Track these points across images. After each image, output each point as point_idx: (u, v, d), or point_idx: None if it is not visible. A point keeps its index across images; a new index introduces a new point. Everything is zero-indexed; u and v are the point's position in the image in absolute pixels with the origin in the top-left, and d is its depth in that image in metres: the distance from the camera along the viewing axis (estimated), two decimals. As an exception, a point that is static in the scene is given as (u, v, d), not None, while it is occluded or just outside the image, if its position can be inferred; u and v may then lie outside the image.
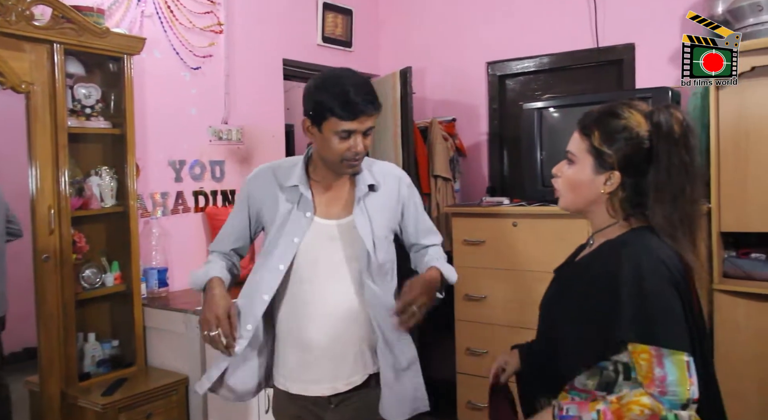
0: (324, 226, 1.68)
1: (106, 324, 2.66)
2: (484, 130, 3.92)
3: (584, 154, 1.28)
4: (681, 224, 1.21)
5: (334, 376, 1.69)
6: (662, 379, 1.12)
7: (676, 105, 1.28)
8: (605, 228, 1.31)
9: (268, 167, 1.77)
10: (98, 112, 2.53)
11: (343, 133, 1.56)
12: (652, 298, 1.14)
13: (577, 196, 1.32)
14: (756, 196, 2.54)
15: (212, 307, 1.59)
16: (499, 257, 3.17)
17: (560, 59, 3.61)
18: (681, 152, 1.20)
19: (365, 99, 1.56)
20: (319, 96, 1.57)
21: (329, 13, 3.80)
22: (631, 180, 1.24)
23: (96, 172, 2.55)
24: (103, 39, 2.37)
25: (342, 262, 1.68)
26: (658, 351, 1.13)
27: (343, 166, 1.63)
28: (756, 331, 2.54)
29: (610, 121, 1.26)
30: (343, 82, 1.57)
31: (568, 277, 1.38)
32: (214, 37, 3.13)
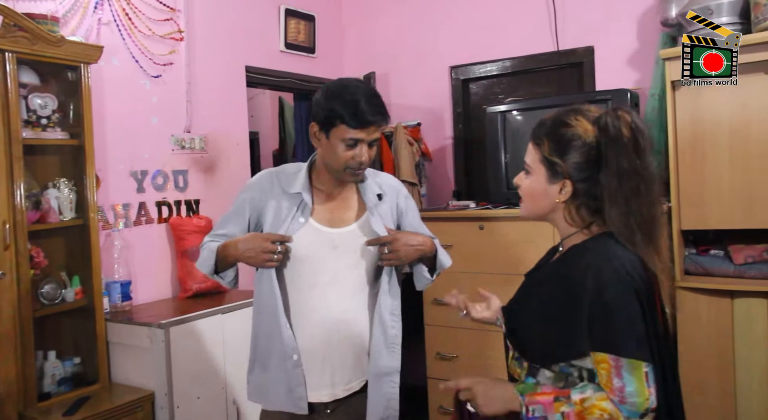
0: (326, 234, 1.70)
1: (68, 341, 2.58)
2: (449, 134, 3.94)
3: (537, 164, 1.30)
4: (639, 227, 1.21)
5: (333, 383, 1.72)
6: (621, 390, 1.14)
7: (627, 108, 1.28)
8: (570, 235, 1.32)
9: (271, 172, 1.79)
10: (55, 122, 2.46)
11: (350, 140, 1.60)
12: (613, 308, 1.15)
13: (536, 206, 1.34)
14: (713, 195, 2.60)
15: (252, 240, 1.63)
16: (466, 261, 3.18)
17: (522, 63, 3.66)
18: (630, 155, 1.20)
19: (375, 110, 1.60)
20: (330, 103, 1.60)
21: (292, 19, 3.78)
22: (584, 187, 1.25)
23: (54, 185, 2.47)
24: (58, 47, 2.31)
25: (344, 269, 1.71)
26: (617, 361, 1.14)
27: (346, 174, 1.67)
28: (716, 326, 2.60)
29: (559, 131, 1.27)
30: (355, 92, 1.60)
31: (536, 282, 1.39)
32: (174, 44, 3.08)
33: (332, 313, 1.69)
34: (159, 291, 2.98)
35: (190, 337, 2.56)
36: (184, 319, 2.54)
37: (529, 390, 1.25)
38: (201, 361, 2.60)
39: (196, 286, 2.96)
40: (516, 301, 1.42)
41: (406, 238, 1.70)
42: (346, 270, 1.71)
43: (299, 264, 1.69)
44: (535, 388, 1.25)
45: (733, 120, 2.56)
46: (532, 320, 1.30)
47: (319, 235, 1.70)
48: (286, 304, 1.71)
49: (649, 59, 3.19)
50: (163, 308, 2.79)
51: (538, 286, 1.35)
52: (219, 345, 2.66)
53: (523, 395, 1.23)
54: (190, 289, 2.95)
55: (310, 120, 1.69)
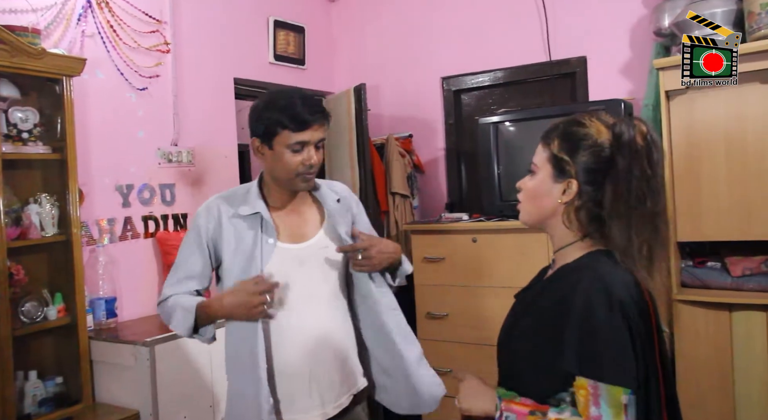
0: (290, 251, 1.65)
1: (50, 360, 2.51)
2: (441, 145, 3.90)
3: (544, 163, 1.26)
4: (638, 240, 1.16)
5: (323, 402, 1.66)
6: (597, 419, 1.10)
7: (642, 119, 1.24)
8: (565, 247, 1.26)
9: (219, 198, 1.72)
10: (36, 136, 2.40)
11: (296, 145, 1.57)
12: (598, 333, 1.11)
13: (536, 207, 1.28)
14: (709, 206, 2.56)
15: (239, 295, 1.54)
16: (459, 274, 3.14)
17: (514, 73, 3.63)
18: (642, 163, 1.16)
19: (313, 109, 1.58)
20: (267, 112, 1.58)
21: (281, 30, 3.74)
22: (588, 189, 1.20)
23: (35, 200, 2.41)
24: (39, 60, 2.25)
25: (315, 284, 1.67)
26: (595, 390, 1.10)
27: (298, 181, 1.62)
28: (715, 340, 2.55)
29: (570, 129, 1.24)
30: (289, 96, 1.59)
31: (525, 306, 1.34)
32: (160, 56, 3.03)
33: (311, 332, 1.64)
34: (145, 307, 2.90)
35: (176, 355, 2.49)
36: (169, 337, 2.47)
37: (509, 396, 1.23)
38: (187, 379, 2.53)
39: (183, 302, 2.89)
40: (508, 331, 1.36)
41: (380, 246, 1.68)
42: (318, 285, 1.68)
43: None
44: (516, 397, 1.22)
45: (729, 130, 2.52)
46: (523, 353, 1.26)
47: (286, 253, 1.64)
48: (266, 332, 1.63)
49: (643, 69, 3.16)
50: (150, 325, 2.72)
51: (525, 314, 1.31)
52: (206, 362, 2.59)
53: (501, 399, 1.23)
54: (177, 306, 2.88)
55: (250, 137, 1.64)
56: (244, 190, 1.72)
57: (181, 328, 1.63)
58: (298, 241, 1.67)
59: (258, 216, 1.64)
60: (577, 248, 1.24)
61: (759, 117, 2.46)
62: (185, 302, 1.63)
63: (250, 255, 1.62)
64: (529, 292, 1.36)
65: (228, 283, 1.65)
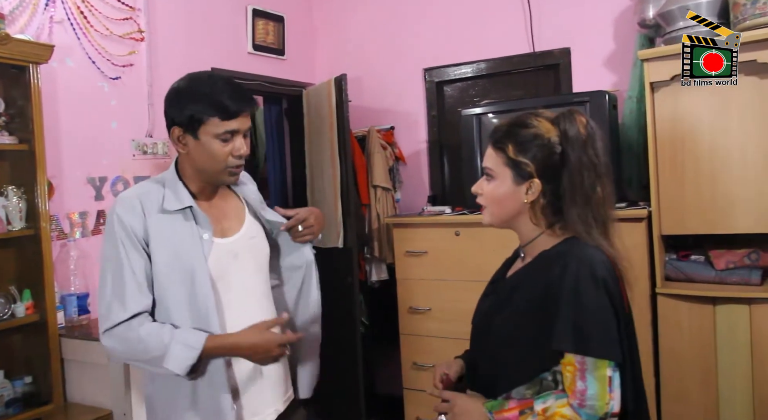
0: (224, 245, 1.54)
1: (18, 359, 2.42)
2: (424, 137, 3.85)
3: (502, 167, 1.31)
4: (595, 222, 1.26)
5: (276, 398, 1.61)
6: (582, 393, 1.17)
7: (578, 110, 1.33)
8: (534, 239, 1.34)
9: (133, 194, 1.52)
10: (2, 126, 2.30)
11: (225, 134, 1.46)
12: (587, 310, 1.18)
13: (502, 210, 1.34)
14: (693, 199, 2.54)
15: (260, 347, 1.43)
16: (442, 268, 3.09)
17: (497, 64, 3.58)
18: (589, 153, 1.26)
19: (242, 95, 1.48)
20: (192, 99, 1.45)
21: (259, 19, 3.66)
22: (549, 186, 1.28)
23: (1, 192, 2.32)
24: (2, 46, 2.15)
25: (250, 277, 1.59)
26: (582, 365, 1.17)
27: (226, 174, 1.52)
28: (698, 333, 2.53)
29: (521, 132, 1.30)
30: (215, 81, 1.48)
31: (506, 291, 1.37)
32: (134, 44, 2.93)
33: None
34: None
35: (150, 353, 2.41)
36: (143, 335, 2.40)
37: (497, 407, 1.26)
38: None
39: (158, 298, 2.81)
40: (487, 313, 1.41)
41: (315, 212, 1.69)
42: (251, 278, 1.59)
43: (201, 284, 1.47)
44: (503, 404, 1.26)
45: (714, 122, 2.50)
46: (506, 335, 1.30)
47: (221, 248, 1.53)
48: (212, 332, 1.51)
49: (627, 61, 3.13)
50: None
51: (508, 298, 1.34)
52: (182, 361, 2.52)
53: (492, 412, 1.26)
54: (153, 302, 2.80)
55: (168, 125, 1.51)
56: (159, 184, 1.54)
57: (176, 365, 1.39)
58: (227, 235, 1.56)
59: (188, 210, 1.50)
60: (546, 237, 1.32)
61: (744, 109, 2.44)
62: (185, 337, 1.41)
63: (191, 253, 1.47)
64: (508, 280, 1.40)
65: (166, 286, 1.46)
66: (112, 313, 1.43)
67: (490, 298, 1.44)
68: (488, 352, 1.35)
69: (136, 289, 1.44)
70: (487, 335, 1.35)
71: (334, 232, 3.52)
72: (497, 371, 1.31)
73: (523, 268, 1.36)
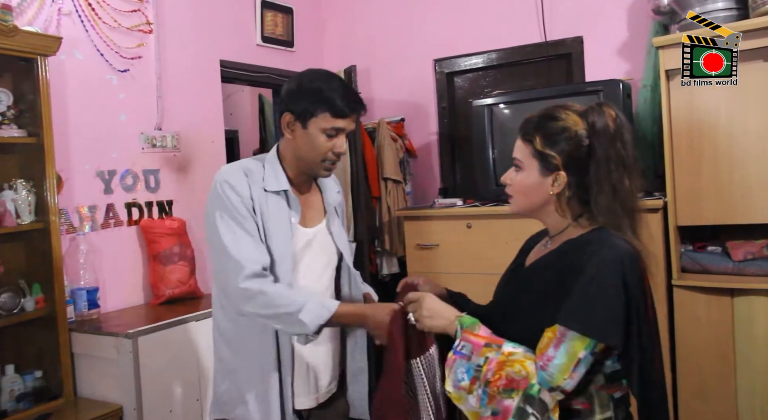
0: (303, 234, 1.63)
1: (28, 353, 2.41)
2: (434, 129, 3.81)
3: (529, 159, 1.32)
4: (624, 214, 1.27)
5: (318, 387, 1.67)
6: (549, 359, 1.18)
7: (607, 102, 1.33)
8: (563, 230, 1.34)
9: (238, 168, 1.59)
10: (10, 119, 2.29)
11: (331, 130, 1.54)
12: (594, 289, 1.18)
13: (528, 200, 1.36)
14: (710, 188, 2.49)
15: (386, 321, 1.47)
16: (453, 261, 3.06)
17: (509, 54, 3.53)
18: (617, 146, 1.26)
19: (357, 98, 1.58)
20: (311, 91, 1.54)
21: (268, 11, 3.63)
22: (575, 178, 1.29)
23: (10, 186, 2.31)
24: (10, 38, 2.14)
25: (320, 268, 1.67)
26: (562, 335, 1.18)
27: (322, 167, 1.60)
28: (716, 326, 2.49)
29: (549, 124, 1.31)
30: (336, 79, 1.58)
31: (528, 276, 1.38)
32: (143, 37, 2.91)
33: None
34: (129, 297, 2.81)
35: (160, 347, 2.40)
36: (153, 328, 2.39)
37: (468, 326, 1.30)
38: (173, 371, 2.44)
39: (168, 291, 2.80)
40: (506, 295, 1.43)
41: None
42: (321, 270, 1.68)
43: (283, 264, 1.56)
44: (476, 327, 1.29)
45: (731, 110, 2.44)
46: (521, 315, 1.32)
47: (302, 235, 1.63)
48: None
49: (640, 49, 3.07)
50: (134, 316, 2.63)
51: (530, 282, 1.35)
52: (192, 354, 2.51)
53: (462, 328, 1.29)
54: (163, 295, 2.79)
55: (282, 110, 1.59)
56: (260, 165, 1.61)
57: (310, 320, 1.45)
58: (308, 225, 1.66)
59: (284, 194, 1.60)
60: (575, 227, 1.32)
61: (761, 96, 2.38)
62: (321, 299, 1.53)
63: (280, 234, 1.56)
64: (530, 266, 1.40)
65: None
66: (247, 264, 1.47)
67: (510, 285, 1.45)
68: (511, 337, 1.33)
69: (257, 245, 1.52)
70: (511, 321, 1.34)
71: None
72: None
73: (547, 254, 1.36)
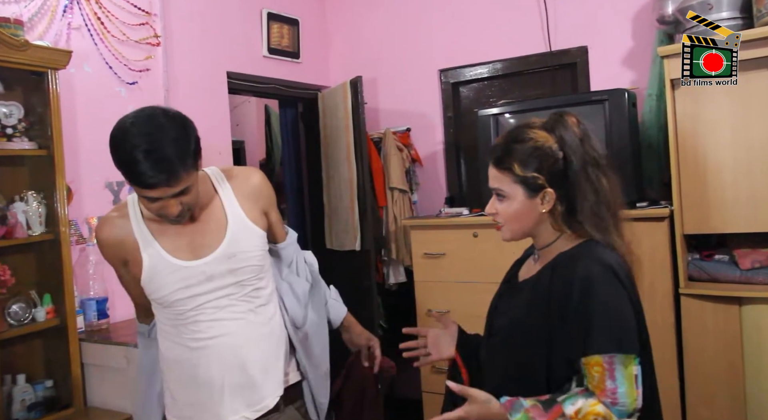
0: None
1: (39, 363, 2.43)
2: (440, 139, 3.83)
3: (512, 186, 1.32)
4: (609, 214, 1.29)
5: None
6: (613, 391, 1.18)
7: (566, 111, 1.36)
8: (552, 243, 1.35)
9: None
10: (21, 132, 2.31)
11: (147, 199, 1.39)
12: (606, 308, 1.20)
13: (522, 224, 1.35)
14: (716, 197, 2.49)
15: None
16: (460, 270, 3.07)
17: (513, 64, 3.55)
18: (587, 149, 1.30)
19: (156, 168, 1.32)
20: (115, 160, 1.39)
21: (274, 23, 3.66)
22: (561, 191, 1.30)
23: (21, 198, 2.33)
24: (22, 52, 2.17)
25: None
26: (610, 364, 1.18)
27: (169, 221, 1.47)
28: (724, 335, 2.48)
29: (520, 148, 1.31)
30: (132, 146, 1.34)
31: (517, 295, 1.38)
32: (151, 49, 2.95)
33: None
34: (138, 308, 2.83)
35: (169, 357, 2.41)
36: (162, 338, 2.40)
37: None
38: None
39: (177, 302, 2.81)
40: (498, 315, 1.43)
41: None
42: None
43: None
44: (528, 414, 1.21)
45: (736, 119, 2.45)
46: (531, 347, 1.28)
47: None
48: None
49: (645, 58, 3.09)
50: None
51: (532, 304, 1.32)
52: (201, 364, 2.52)
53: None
54: (171, 306, 2.81)
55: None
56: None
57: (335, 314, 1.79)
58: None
59: None
60: (563, 241, 1.33)
61: (765, 105, 2.39)
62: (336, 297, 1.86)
63: None
64: (521, 284, 1.40)
65: None
66: None
67: (503, 300, 1.46)
68: (512, 360, 1.34)
69: None
70: (506, 347, 1.35)
71: (350, 235, 3.51)
72: (522, 379, 1.30)
73: (536, 274, 1.35)
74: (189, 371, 1.53)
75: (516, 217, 1.34)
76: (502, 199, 1.35)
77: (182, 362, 1.54)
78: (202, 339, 1.52)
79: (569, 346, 1.22)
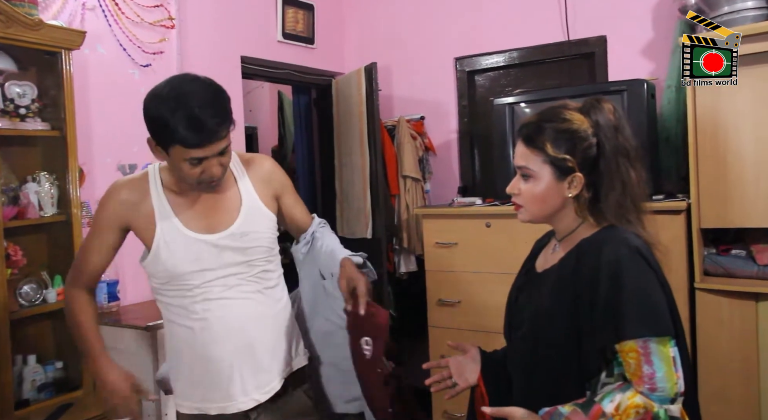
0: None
1: (49, 344, 2.45)
2: (454, 127, 3.79)
3: (541, 165, 1.27)
4: (633, 207, 1.26)
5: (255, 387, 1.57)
6: (651, 376, 1.13)
7: (603, 97, 1.31)
8: (575, 230, 1.31)
9: None
10: (35, 112, 2.31)
11: (192, 160, 1.38)
12: (634, 290, 1.16)
13: (545, 207, 1.30)
14: (735, 191, 2.44)
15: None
16: (472, 259, 3.04)
17: (530, 53, 3.50)
18: (620, 139, 1.26)
19: (215, 120, 1.34)
20: (156, 122, 1.35)
21: (289, 8, 3.63)
22: (590, 177, 1.26)
23: (34, 179, 2.33)
24: (36, 32, 2.16)
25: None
26: (645, 349, 1.14)
27: (202, 187, 1.48)
28: (740, 331, 2.44)
29: (556, 127, 1.26)
30: (187, 100, 1.33)
31: (541, 285, 1.33)
32: (165, 32, 2.93)
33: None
34: (149, 290, 2.76)
35: (179, 341, 2.41)
36: (172, 322, 2.40)
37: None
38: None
39: (187, 286, 2.82)
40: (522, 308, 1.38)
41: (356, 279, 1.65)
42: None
43: None
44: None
45: (757, 111, 2.39)
46: (560, 338, 1.24)
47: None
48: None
49: (665, 49, 3.03)
50: (153, 309, 2.62)
51: (558, 293, 1.27)
52: (210, 349, 2.52)
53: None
54: (182, 289, 2.81)
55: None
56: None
57: None
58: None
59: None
60: (585, 228, 1.29)
61: (790, 97, 2.33)
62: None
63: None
64: (543, 274, 1.36)
65: None
66: None
67: (524, 291, 1.41)
68: (540, 352, 1.28)
69: None
70: (532, 340, 1.30)
71: (362, 222, 3.49)
72: (550, 373, 1.26)
73: (559, 262, 1.31)
74: (199, 351, 1.53)
75: (540, 198, 1.29)
76: (527, 179, 1.29)
77: (191, 343, 1.54)
78: (210, 318, 1.52)
79: (600, 333, 1.17)
